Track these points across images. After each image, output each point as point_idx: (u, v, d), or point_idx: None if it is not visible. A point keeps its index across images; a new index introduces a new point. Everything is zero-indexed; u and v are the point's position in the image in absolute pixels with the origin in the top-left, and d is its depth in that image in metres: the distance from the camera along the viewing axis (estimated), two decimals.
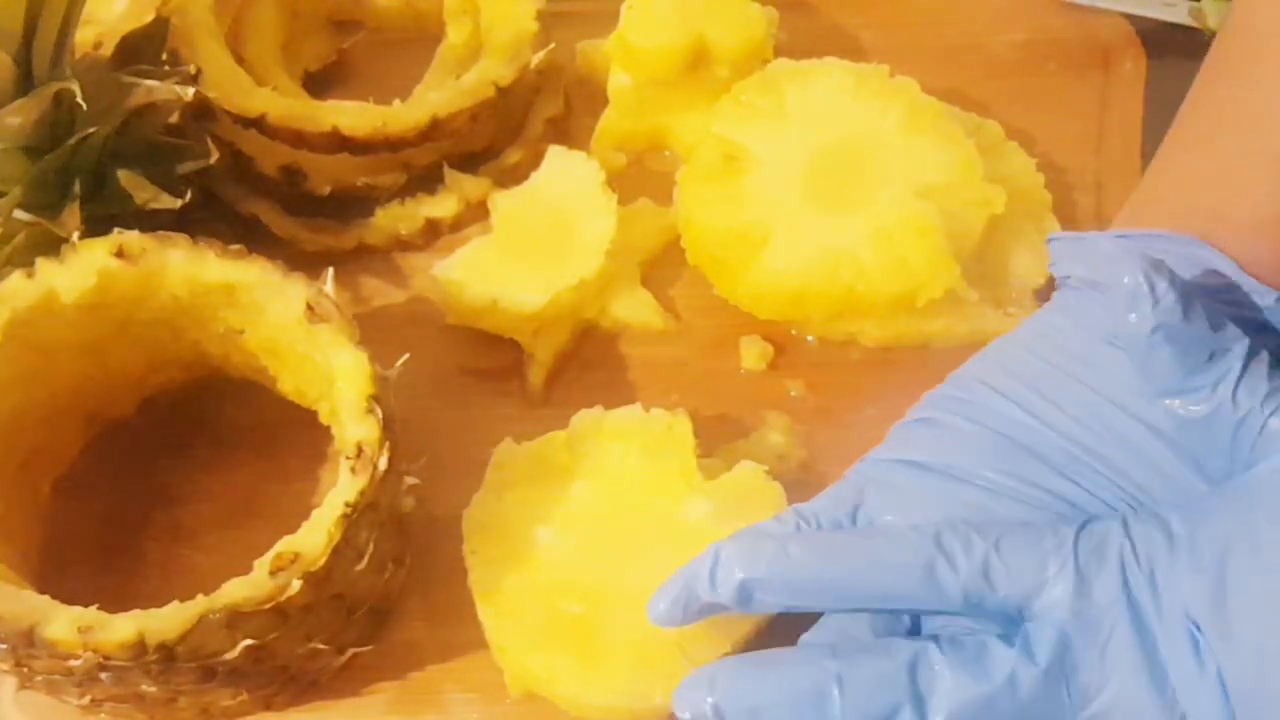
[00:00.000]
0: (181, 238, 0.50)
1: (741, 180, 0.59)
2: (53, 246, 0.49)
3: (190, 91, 0.55)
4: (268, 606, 0.44)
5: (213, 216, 0.60)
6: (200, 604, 0.43)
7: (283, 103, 0.60)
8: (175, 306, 0.50)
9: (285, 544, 0.45)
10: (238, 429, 0.57)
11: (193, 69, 0.58)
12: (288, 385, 0.53)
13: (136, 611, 0.43)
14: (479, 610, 0.50)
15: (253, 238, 0.58)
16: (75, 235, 0.50)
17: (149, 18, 0.58)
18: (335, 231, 0.62)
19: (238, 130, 0.60)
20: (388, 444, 0.46)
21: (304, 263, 0.52)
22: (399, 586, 0.52)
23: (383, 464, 0.46)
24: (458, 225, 0.63)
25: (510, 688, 0.51)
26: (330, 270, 0.51)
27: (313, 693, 0.51)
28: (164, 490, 0.55)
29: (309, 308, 0.49)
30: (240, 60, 0.63)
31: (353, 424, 0.47)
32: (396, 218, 0.62)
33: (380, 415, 0.47)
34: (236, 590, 0.44)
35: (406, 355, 0.51)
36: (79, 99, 0.50)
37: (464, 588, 0.50)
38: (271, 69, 0.64)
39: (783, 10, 0.65)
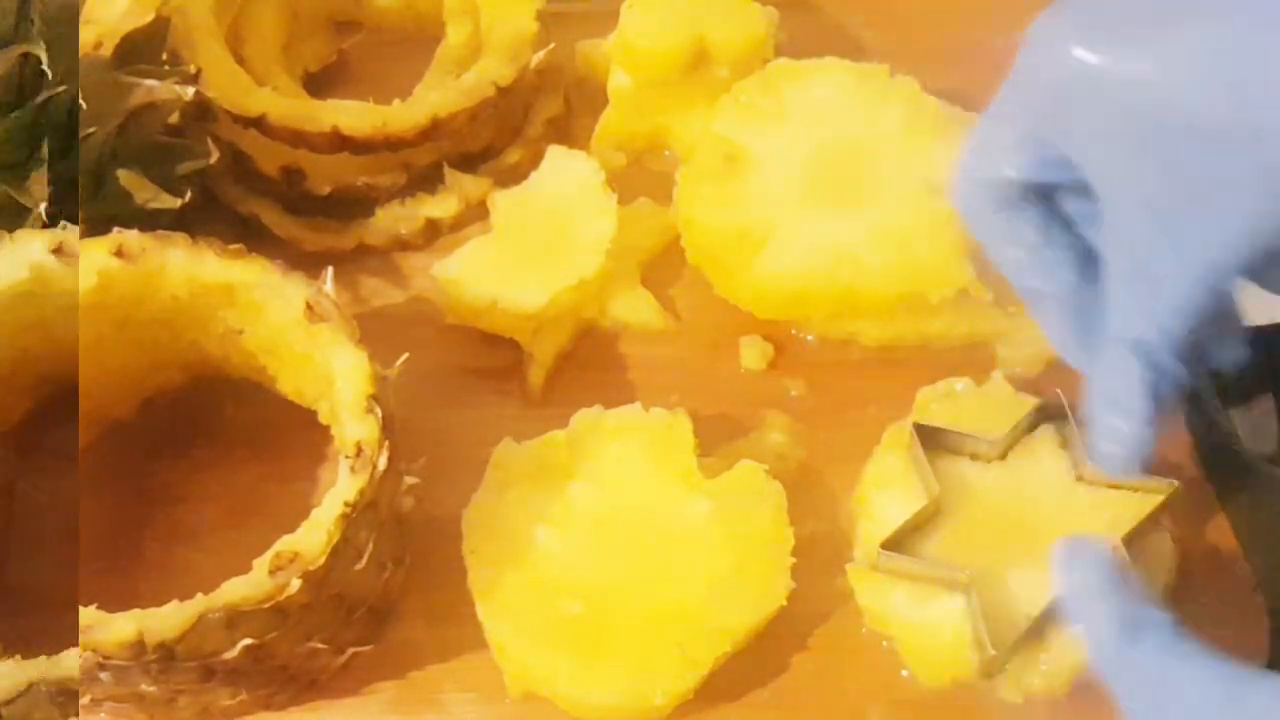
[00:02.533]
0: (181, 238, 0.50)
1: (741, 180, 0.59)
2: (16, 215, 0.48)
3: (190, 91, 0.55)
4: (267, 606, 0.43)
5: (213, 216, 0.61)
6: (200, 603, 0.43)
7: (283, 103, 0.60)
8: (175, 306, 0.50)
9: (285, 543, 0.45)
10: (238, 429, 0.57)
11: (193, 69, 0.58)
12: (287, 385, 0.53)
13: (136, 611, 0.43)
14: (479, 610, 0.50)
15: (253, 238, 0.58)
16: (42, 206, 0.49)
17: (149, 18, 0.58)
18: (335, 231, 0.62)
19: (238, 130, 0.60)
20: (387, 444, 0.46)
21: (304, 263, 0.52)
22: (399, 586, 0.52)
23: (382, 464, 0.46)
24: (458, 225, 0.63)
25: (510, 688, 0.50)
26: (330, 270, 0.51)
27: (312, 692, 0.51)
28: (164, 490, 0.55)
29: (309, 307, 0.49)
30: (240, 60, 0.63)
31: (352, 424, 0.47)
32: (396, 218, 0.62)
33: (380, 415, 0.47)
34: (236, 590, 0.44)
35: (406, 355, 0.51)
36: (44, 65, 0.49)
37: (464, 588, 0.50)
38: (271, 69, 0.65)
39: (783, 10, 0.65)
